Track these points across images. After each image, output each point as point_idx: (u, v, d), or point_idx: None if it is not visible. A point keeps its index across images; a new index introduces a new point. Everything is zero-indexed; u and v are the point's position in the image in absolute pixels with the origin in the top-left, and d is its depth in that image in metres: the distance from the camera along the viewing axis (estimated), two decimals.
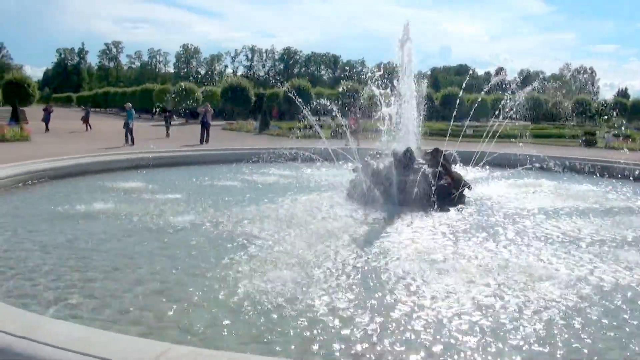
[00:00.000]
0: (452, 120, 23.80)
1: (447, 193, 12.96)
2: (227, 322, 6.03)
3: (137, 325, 5.97)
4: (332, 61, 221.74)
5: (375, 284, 7.36)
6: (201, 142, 34.10)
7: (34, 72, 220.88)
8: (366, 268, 8.03)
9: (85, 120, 46.44)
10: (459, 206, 12.99)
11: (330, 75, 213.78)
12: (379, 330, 5.89)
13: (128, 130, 32.28)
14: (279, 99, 66.90)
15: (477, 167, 17.81)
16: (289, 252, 8.62)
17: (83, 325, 5.28)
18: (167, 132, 41.13)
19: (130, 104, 35.58)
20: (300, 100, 18.45)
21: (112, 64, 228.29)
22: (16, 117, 40.31)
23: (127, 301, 6.68)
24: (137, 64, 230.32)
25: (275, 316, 6.13)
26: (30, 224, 10.74)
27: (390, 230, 10.65)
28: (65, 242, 9.40)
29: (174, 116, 43.94)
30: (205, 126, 35.51)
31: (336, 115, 18.23)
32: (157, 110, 56.13)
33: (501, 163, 18.84)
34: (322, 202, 13.05)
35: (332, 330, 5.84)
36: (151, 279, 7.52)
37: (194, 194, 14.13)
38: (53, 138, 35.18)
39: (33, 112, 52.40)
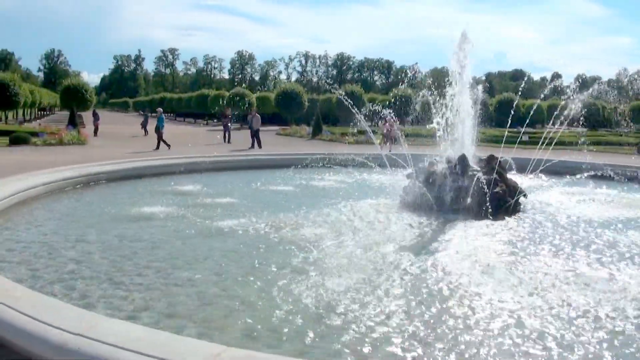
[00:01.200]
0: (507, 127, 23.40)
1: (502, 201, 12.71)
2: (281, 326, 6.02)
3: (192, 326, 6.01)
4: (386, 67, 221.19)
5: (428, 293, 7.23)
6: (252, 146, 34.31)
7: (92, 78, 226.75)
8: (419, 276, 7.91)
9: (144, 126, 47.25)
10: (514, 215, 12.70)
11: (384, 81, 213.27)
12: (431, 340, 5.80)
13: (159, 135, 32.20)
14: (332, 105, 66.86)
15: (532, 174, 17.47)
16: (340, 258, 8.58)
17: (139, 325, 5.32)
18: (226, 136, 39.67)
19: (161, 109, 35.76)
20: (353, 105, 18.37)
21: (168, 71, 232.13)
22: (74, 122, 41.15)
23: (181, 303, 6.76)
24: (193, 70, 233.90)
25: (328, 322, 6.11)
26: (87, 225, 11.02)
27: (444, 238, 10.47)
28: (121, 243, 9.59)
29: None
30: (251, 131, 35.73)
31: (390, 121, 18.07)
32: (217, 115, 56.56)
33: (558, 171, 18.46)
34: (375, 208, 12.94)
35: (384, 339, 5.77)
36: (206, 281, 7.60)
37: (247, 198, 14.24)
38: (109, 141, 35.88)
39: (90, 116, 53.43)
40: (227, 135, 39.77)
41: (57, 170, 15.71)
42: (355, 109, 17.67)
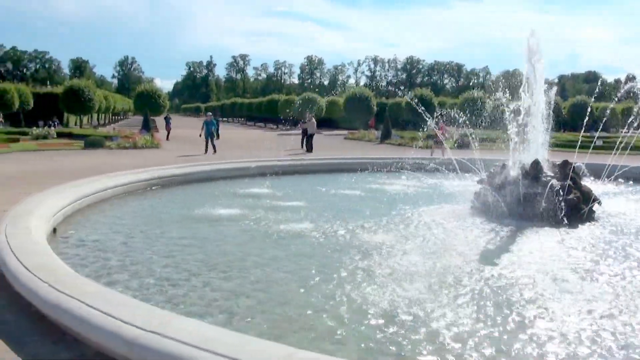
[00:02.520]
0: (581, 131, 22.80)
1: (576, 208, 12.34)
2: (346, 331, 6.00)
3: (262, 327, 6.05)
4: (456, 70, 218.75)
5: (497, 303, 6.98)
6: (307, 150, 34.48)
7: (164, 84, 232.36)
8: (488, 285, 7.70)
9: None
10: (589, 223, 12.28)
11: (454, 84, 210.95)
12: (501, 351, 5.68)
13: (211, 138, 32.11)
14: (401, 109, 66.49)
15: (607, 181, 16.95)
16: (408, 264, 8.48)
17: (211, 324, 5.38)
18: (304, 142, 36.73)
19: (211, 114, 35.97)
20: (423, 109, 18.22)
21: (239, 76, 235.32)
22: (147, 126, 42.11)
23: (251, 304, 6.83)
24: (263, 75, 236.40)
25: (393, 328, 6.04)
26: (161, 225, 11.35)
27: (515, 246, 10.22)
28: (192, 244, 9.78)
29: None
30: (304, 134, 35.85)
31: (460, 125, 17.80)
32: (289, 119, 56.98)
33: (634, 177, 17.89)
34: (444, 214, 12.78)
35: (448, 349, 5.65)
36: (273, 283, 7.66)
37: (316, 202, 14.33)
38: (181, 145, 36.52)
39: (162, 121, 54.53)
40: (309, 140, 36.72)
41: (132, 172, 16.16)
42: (425, 113, 17.55)
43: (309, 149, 34.80)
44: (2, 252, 7.47)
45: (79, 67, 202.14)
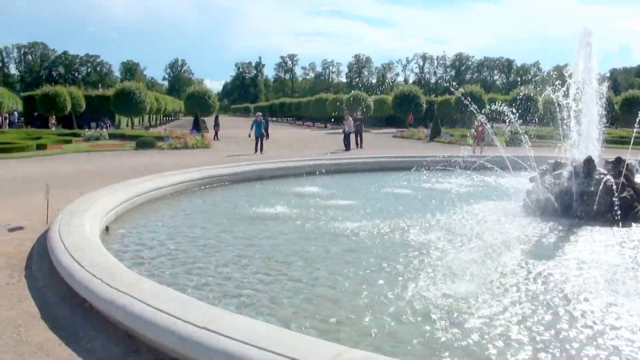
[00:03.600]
0: (635, 127, 22.20)
1: (630, 206, 12.03)
2: (398, 329, 5.97)
3: (313, 325, 6.07)
4: (506, 65, 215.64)
5: (548, 304, 6.81)
6: (346, 149, 34.37)
7: (214, 85, 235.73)
8: (539, 285, 7.54)
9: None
10: None
11: (504, 81, 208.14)
12: (565, 350, 5.56)
13: (260, 138, 32.24)
14: (450, 106, 65.92)
15: None
16: (459, 263, 8.37)
17: (263, 321, 5.41)
18: (358, 141, 36.64)
19: (261, 114, 36.10)
20: (475, 107, 18.01)
21: (287, 76, 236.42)
22: (198, 126, 42.58)
23: (302, 301, 6.85)
24: (311, 75, 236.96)
25: (442, 328, 5.98)
26: (212, 223, 11.49)
27: (568, 245, 10.04)
28: (243, 242, 9.88)
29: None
30: (344, 133, 35.66)
31: (511, 122, 17.49)
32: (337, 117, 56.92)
33: None
34: (495, 212, 12.64)
35: (498, 350, 5.55)
36: (325, 282, 7.66)
37: (366, 200, 14.28)
38: (231, 145, 36.82)
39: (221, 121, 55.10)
40: (359, 139, 36.92)
41: (182, 172, 16.37)
42: (476, 110, 17.34)
43: (347, 147, 34.67)
44: (57, 249, 7.65)
45: (130, 70, 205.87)
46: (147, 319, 5.23)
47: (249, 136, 32.40)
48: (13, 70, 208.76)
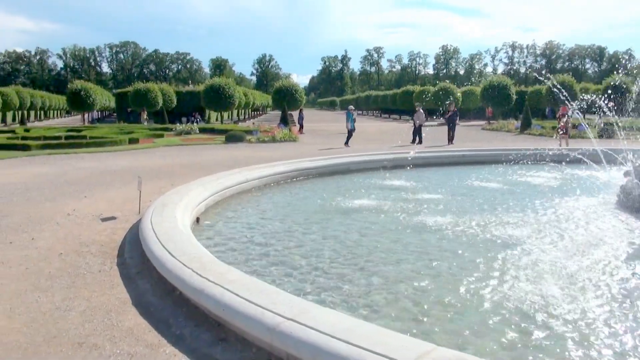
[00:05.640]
0: None
1: None
2: (487, 328, 5.80)
3: (397, 320, 5.99)
4: (598, 53, 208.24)
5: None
6: (413, 142, 33.05)
7: (300, 79, 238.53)
8: (630, 286, 7.13)
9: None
10: None
11: (596, 69, 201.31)
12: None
13: (349, 132, 32.28)
14: (541, 97, 64.12)
15: None
16: (548, 260, 8.06)
17: (350, 315, 5.37)
18: (450, 135, 33.48)
19: (353, 107, 35.97)
20: (566, 96, 17.45)
21: (373, 69, 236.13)
22: (285, 120, 42.99)
23: (388, 297, 6.75)
24: (397, 67, 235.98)
25: (534, 329, 5.76)
26: (300, 215, 11.58)
27: None
28: (329, 234, 9.89)
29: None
30: (414, 126, 34.50)
31: (604, 113, 16.81)
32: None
33: None
34: (587, 208, 12.04)
35: (588, 353, 5.30)
36: (409, 276, 7.53)
37: (452, 194, 14.03)
38: (317, 139, 37.04)
39: (308, 115, 55.52)
40: (451, 134, 33.67)
41: (271, 165, 16.58)
42: (568, 100, 16.80)
43: (417, 140, 33.28)
44: (149, 239, 7.83)
45: (219, 66, 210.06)
46: (237, 308, 5.28)
47: (347, 128, 32.57)
48: (105, 68, 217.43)
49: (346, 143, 31.15)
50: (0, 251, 8.52)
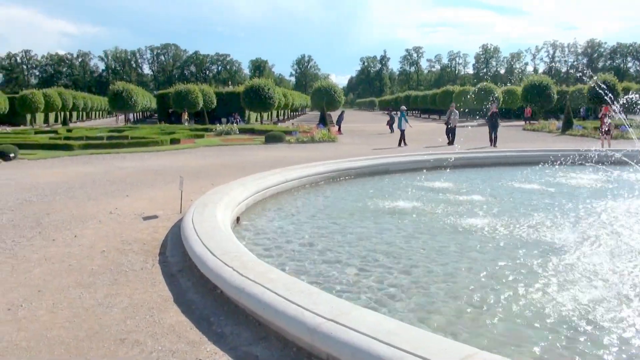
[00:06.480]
0: None
1: None
2: (526, 333, 5.68)
3: (437, 323, 5.93)
4: None
5: None
6: (449, 143, 32.24)
7: (339, 80, 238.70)
8: None
9: (390, 124, 48.30)
10: None
11: (638, 68, 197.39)
12: None
13: (402, 132, 32.37)
14: (583, 96, 63.09)
15: None
16: (593, 265, 7.85)
17: (391, 317, 5.33)
18: (492, 137, 31.20)
19: (405, 107, 35.94)
20: (610, 96, 17.14)
21: (412, 69, 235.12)
22: (324, 121, 43.02)
23: (426, 298, 6.69)
24: (437, 67, 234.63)
25: (576, 336, 5.63)
26: (340, 216, 11.53)
27: None
28: (367, 235, 9.82)
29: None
30: (447, 126, 33.87)
31: None
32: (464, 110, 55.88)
33: None
34: (632, 211, 11.72)
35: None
36: (448, 279, 7.44)
37: (493, 196, 13.83)
38: (356, 139, 36.99)
39: (346, 115, 55.45)
40: (493, 135, 31.51)
41: (310, 165, 16.59)
42: (612, 100, 16.48)
43: (451, 141, 32.40)
44: (190, 238, 7.89)
45: (259, 67, 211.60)
46: (277, 308, 5.29)
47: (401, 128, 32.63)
48: (147, 70, 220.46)
49: (405, 142, 31.55)
50: (43, 248, 8.67)
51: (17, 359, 5.02)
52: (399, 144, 31.33)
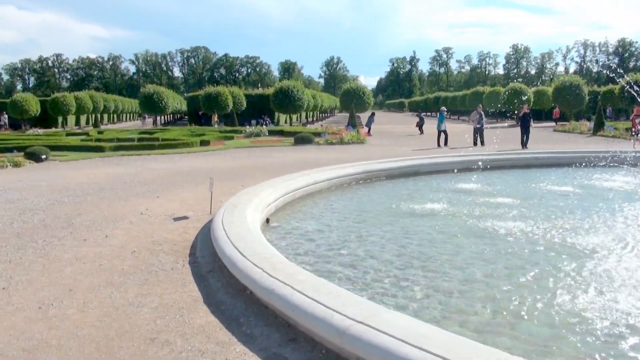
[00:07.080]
0: None
1: None
2: (558, 341, 5.56)
3: (465, 327, 5.86)
4: None
5: None
6: (474, 144, 32.05)
7: (368, 81, 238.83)
8: None
9: (419, 125, 48.17)
10: None
11: None
12: None
13: (439, 132, 32.57)
14: (614, 97, 62.25)
15: None
16: (622, 271, 7.64)
17: (421, 320, 5.28)
18: (524, 139, 30.48)
19: (445, 108, 35.93)
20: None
21: (442, 70, 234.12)
22: (353, 122, 42.99)
23: (455, 302, 6.63)
24: (467, 68, 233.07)
25: (610, 344, 5.49)
26: (370, 217, 11.49)
27: None
28: (396, 237, 9.77)
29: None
30: (474, 128, 33.19)
31: None
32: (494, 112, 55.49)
33: None
34: None
35: None
36: (477, 283, 7.34)
37: (523, 198, 13.62)
38: (385, 140, 36.93)
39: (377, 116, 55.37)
40: (525, 138, 30.62)
41: (339, 167, 16.60)
42: None
43: (475, 142, 32.26)
44: (220, 239, 7.92)
45: (288, 69, 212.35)
46: (306, 309, 5.27)
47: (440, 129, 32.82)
48: (177, 73, 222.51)
49: (445, 144, 31.74)
50: (74, 248, 8.76)
51: (48, 356, 5.08)
52: (438, 145, 31.56)
